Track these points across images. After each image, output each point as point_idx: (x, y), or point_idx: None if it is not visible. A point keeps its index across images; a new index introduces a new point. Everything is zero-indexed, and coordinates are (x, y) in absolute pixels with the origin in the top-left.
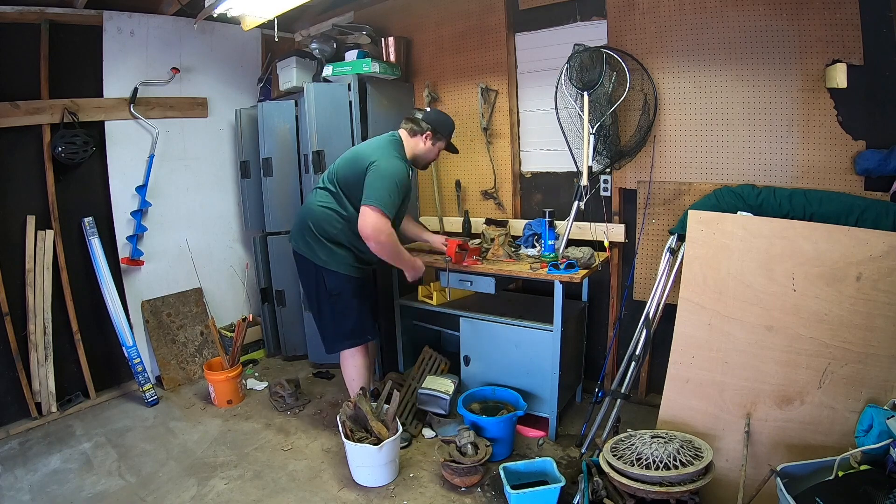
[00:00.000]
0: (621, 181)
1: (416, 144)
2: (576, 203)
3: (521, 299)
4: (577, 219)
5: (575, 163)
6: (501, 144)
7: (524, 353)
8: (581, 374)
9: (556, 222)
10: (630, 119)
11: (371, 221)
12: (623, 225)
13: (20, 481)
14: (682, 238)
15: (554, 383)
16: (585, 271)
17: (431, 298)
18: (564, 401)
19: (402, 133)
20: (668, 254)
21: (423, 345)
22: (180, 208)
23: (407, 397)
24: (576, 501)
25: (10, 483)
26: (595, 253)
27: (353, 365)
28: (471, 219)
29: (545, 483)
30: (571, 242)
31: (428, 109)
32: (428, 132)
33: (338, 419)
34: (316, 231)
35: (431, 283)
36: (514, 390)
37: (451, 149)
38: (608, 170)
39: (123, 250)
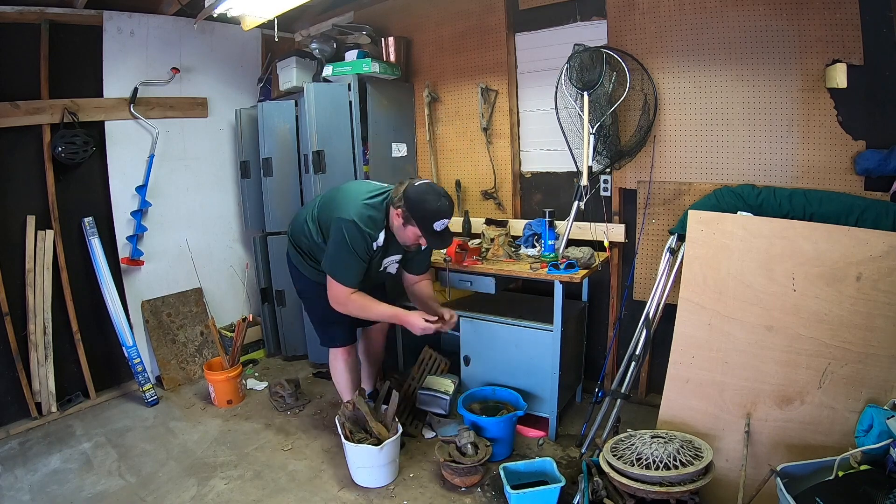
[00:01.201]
0: (621, 181)
1: (392, 216)
2: (576, 203)
3: (521, 299)
4: (577, 219)
5: (575, 163)
6: (501, 144)
7: (524, 353)
8: (581, 374)
9: (556, 222)
10: (630, 119)
11: (330, 292)
12: (623, 225)
13: (20, 481)
14: (682, 238)
15: (554, 383)
16: (585, 271)
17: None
18: (564, 401)
19: (390, 202)
20: (668, 254)
21: (423, 345)
22: (180, 208)
23: (407, 397)
24: (576, 501)
25: (10, 483)
26: (595, 253)
27: (333, 367)
28: (471, 219)
29: (545, 483)
30: (571, 242)
31: (419, 182)
32: (399, 209)
33: (336, 420)
34: (292, 237)
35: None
36: (514, 390)
37: (434, 243)
38: (608, 170)
39: (123, 250)
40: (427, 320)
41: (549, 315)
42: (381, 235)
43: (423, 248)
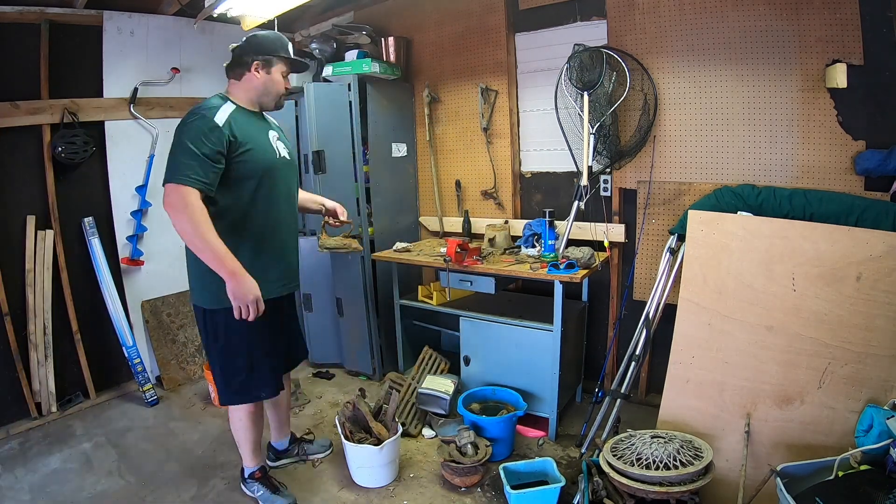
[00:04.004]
0: (621, 181)
1: (248, 85)
2: (576, 203)
3: (520, 299)
4: (577, 219)
5: (575, 163)
6: (501, 144)
7: (524, 353)
8: (581, 374)
9: (556, 222)
10: (630, 119)
11: (167, 201)
12: (623, 225)
13: (20, 481)
14: (682, 238)
15: (554, 383)
16: (585, 271)
17: (431, 298)
18: (564, 401)
19: (229, 85)
20: (668, 254)
21: (422, 345)
22: None
23: (407, 397)
24: (576, 501)
25: (10, 483)
26: (595, 253)
27: (238, 422)
28: (471, 219)
29: (545, 483)
30: (571, 242)
31: (239, 41)
32: (255, 62)
33: (336, 420)
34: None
35: (431, 283)
36: (514, 390)
37: (298, 66)
38: (608, 170)
39: (123, 250)
40: (248, 306)
41: (549, 315)
42: (225, 108)
43: (285, 95)
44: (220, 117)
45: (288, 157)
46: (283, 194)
